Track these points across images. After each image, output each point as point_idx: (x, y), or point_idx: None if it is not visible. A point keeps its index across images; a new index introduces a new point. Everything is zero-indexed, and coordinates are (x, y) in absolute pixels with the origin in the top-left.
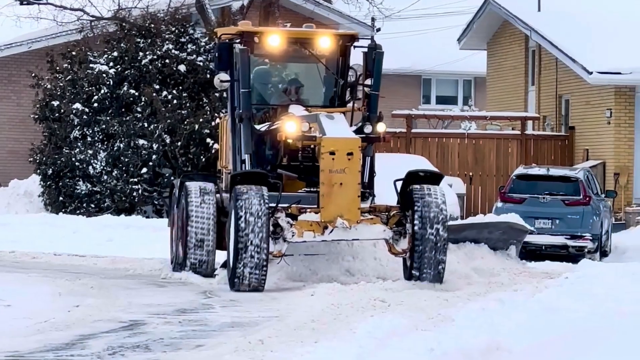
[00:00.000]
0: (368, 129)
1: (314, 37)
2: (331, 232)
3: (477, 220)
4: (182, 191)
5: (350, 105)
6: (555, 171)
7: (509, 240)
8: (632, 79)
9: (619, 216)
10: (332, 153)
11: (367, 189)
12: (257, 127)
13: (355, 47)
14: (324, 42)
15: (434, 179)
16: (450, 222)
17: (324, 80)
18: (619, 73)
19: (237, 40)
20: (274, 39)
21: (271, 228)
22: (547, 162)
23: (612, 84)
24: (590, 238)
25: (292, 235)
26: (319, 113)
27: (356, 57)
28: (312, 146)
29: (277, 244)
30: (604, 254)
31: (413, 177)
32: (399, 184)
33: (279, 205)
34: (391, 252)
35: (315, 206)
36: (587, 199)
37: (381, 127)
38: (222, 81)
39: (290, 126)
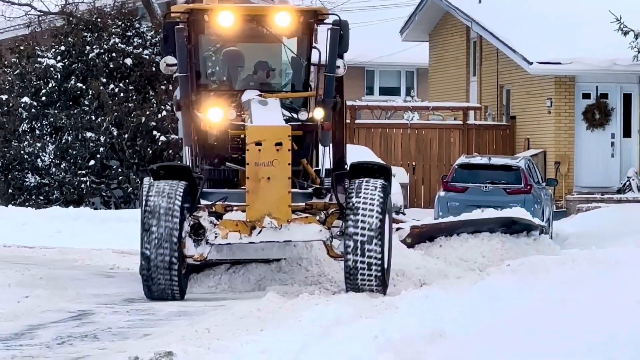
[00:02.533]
0: (303, 115)
1: (272, 14)
2: (259, 232)
3: (474, 217)
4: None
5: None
6: (497, 160)
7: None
8: (571, 68)
9: (560, 204)
10: (259, 144)
11: (323, 184)
12: (200, 115)
13: (318, 23)
14: (283, 19)
15: (381, 172)
16: (438, 220)
17: (286, 62)
18: (559, 63)
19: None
20: (226, 17)
21: (187, 228)
22: (488, 152)
23: (552, 74)
24: None
25: (215, 237)
26: (252, 98)
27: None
28: (242, 136)
29: (199, 247)
30: None
31: (357, 170)
32: (344, 178)
33: (202, 203)
34: (329, 255)
35: (244, 204)
36: (528, 187)
37: (318, 114)
38: (168, 65)
39: (215, 114)
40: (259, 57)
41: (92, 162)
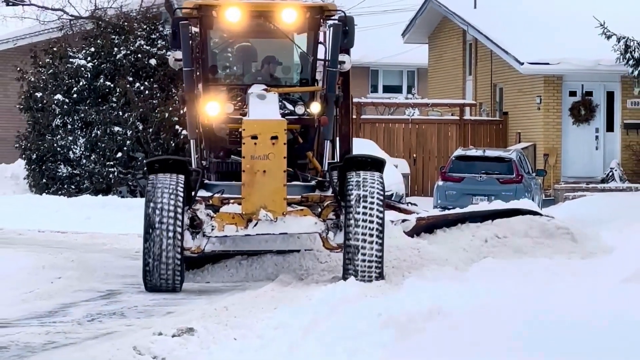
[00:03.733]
0: (300, 109)
1: (279, 10)
2: (255, 225)
3: (480, 208)
4: None
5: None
6: (491, 152)
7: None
8: (559, 68)
9: (549, 193)
10: (255, 137)
11: (326, 177)
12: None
13: (324, 20)
14: (290, 16)
15: (374, 165)
16: (445, 212)
17: (293, 57)
18: (548, 63)
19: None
20: (233, 13)
21: (187, 221)
22: (483, 145)
23: (541, 73)
24: None
25: (212, 229)
26: (250, 92)
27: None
28: (240, 130)
29: (196, 239)
30: None
31: (351, 163)
32: (336, 171)
33: (199, 196)
34: (325, 246)
35: (240, 197)
36: (520, 177)
37: (315, 108)
38: (176, 60)
39: (212, 108)
40: (266, 52)
41: (119, 154)
